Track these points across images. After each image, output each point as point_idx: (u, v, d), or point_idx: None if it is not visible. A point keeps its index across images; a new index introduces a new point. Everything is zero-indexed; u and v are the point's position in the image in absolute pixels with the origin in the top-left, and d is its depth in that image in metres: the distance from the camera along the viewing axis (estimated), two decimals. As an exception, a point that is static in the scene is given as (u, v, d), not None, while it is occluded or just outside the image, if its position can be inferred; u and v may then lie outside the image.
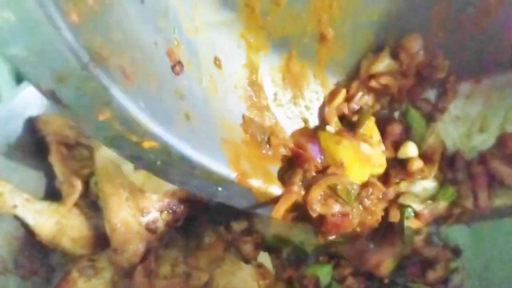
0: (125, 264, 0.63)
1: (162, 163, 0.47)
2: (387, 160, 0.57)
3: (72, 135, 0.73)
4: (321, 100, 0.59)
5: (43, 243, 0.67)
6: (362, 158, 0.53)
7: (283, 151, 0.55)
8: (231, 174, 0.51)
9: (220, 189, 0.51)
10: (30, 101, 0.75)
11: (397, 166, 0.56)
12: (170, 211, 0.67)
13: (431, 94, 0.57)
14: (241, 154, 0.52)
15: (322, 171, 0.53)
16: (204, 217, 0.73)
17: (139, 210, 0.65)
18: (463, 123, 0.56)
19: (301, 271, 0.70)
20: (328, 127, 0.56)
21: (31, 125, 0.74)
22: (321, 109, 0.59)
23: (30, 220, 0.66)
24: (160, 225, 0.66)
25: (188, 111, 0.47)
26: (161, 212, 0.67)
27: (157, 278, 0.63)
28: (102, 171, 0.67)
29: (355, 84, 0.57)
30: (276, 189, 0.54)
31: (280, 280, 0.68)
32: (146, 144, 0.44)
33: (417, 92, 0.57)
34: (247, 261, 0.69)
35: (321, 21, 0.52)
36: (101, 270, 0.64)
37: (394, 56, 0.56)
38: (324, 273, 0.66)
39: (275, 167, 0.55)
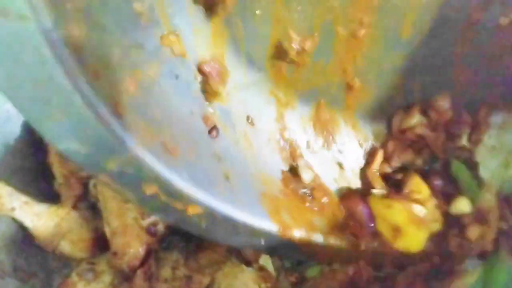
0: (125, 268, 0.62)
1: (207, 225, 0.49)
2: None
3: (71, 136, 0.72)
4: (354, 142, 0.61)
5: (41, 246, 0.66)
6: (417, 220, 0.53)
7: (325, 200, 0.56)
8: (273, 227, 0.53)
9: (263, 242, 0.54)
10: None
11: (452, 227, 0.56)
12: (171, 213, 0.67)
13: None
14: (281, 207, 0.54)
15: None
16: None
17: (139, 213, 0.64)
18: (500, 152, 0.56)
19: (301, 274, 0.70)
20: (374, 191, 0.57)
21: (30, 126, 0.73)
22: (363, 171, 0.60)
23: (29, 223, 0.65)
24: (160, 227, 0.66)
25: (227, 171, 0.50)
26: (162, 214, 0.66)
27: (158, 282, 0.63)
28: (102, 173, 0.66)
29: (391, 143, 0.59)
30: (319, 238, 0.55)
31: (284, 281, 0.67)
32: (191, 210, 0.47)
33: (451, 143, 0.57)
34: (248, 263, 0.68)
35: (346, 72, 0.54)
36: (100, 274, 0.63)
37: (423, 112, 0.57)
38: None
39: (319, 219, 0.56)
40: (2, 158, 0.69)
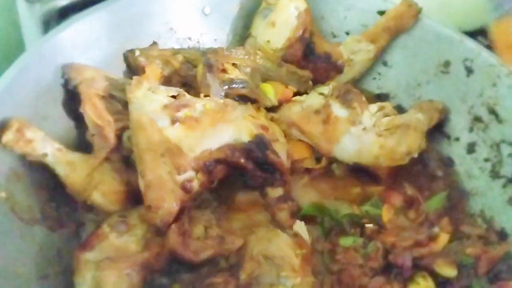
0: (158, 222, 0.60)
1: None
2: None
3: (105, 86, 0.69)
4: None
5: (72, 196, 0.64)
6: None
7: None
8: None
9: None
10: (61, 49, 0.71)
11: None
12: (206, 171, 0.64)
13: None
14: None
15: None
16: (239, 181, 0.69)
17: (175, 168, 0.61)
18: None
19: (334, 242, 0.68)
20: None
21: (63, 73, 0.70)
22: None
23: (61, 170, 0.63)
24: (195, 185, 0.63)
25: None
26: (197, 171, 0.63)
27: (191, 239, 0.61)
28: (137, 125, 0.63)
29: None
30: None
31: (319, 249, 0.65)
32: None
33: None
34: (282, 229, 0.66)
35: None
36: (132, 227, 0.61)
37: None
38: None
39: None
40: (34, 102, 0.66)
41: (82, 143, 0.69)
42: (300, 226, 0.65)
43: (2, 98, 0.62)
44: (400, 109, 0.82)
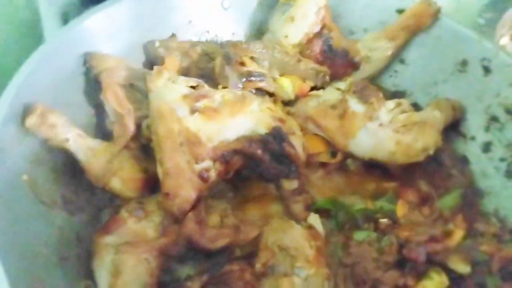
0: (175, 210, 0.61)
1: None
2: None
3: (126, 75, 0.70)
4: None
5: (91, 181, 0.66)
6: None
7: None
8: None
9: None
10: (83, 37, 0.72)
11: None
12: (223, 161, 0.65)
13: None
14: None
15: None
16: (255, 172, 0.70)
17: (193, 157, 0.62)
18: None
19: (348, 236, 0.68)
20: None
21: (84, 61, 0.71)
22: None
23: (81, 156, 0.64)
24: (212, 174, 0.64)
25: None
26: (214, 161, 0.64)
27: (207, 227, 0.62)
28: (157, 114, 0.64)
29: None
30: None
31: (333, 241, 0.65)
32: None
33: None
34: (296, 221, 0.66)
35: None
36: (150, 213, 0.62)
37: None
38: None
39: None
40: (56, 89, 0.67)
41: (101, 131, 0.71)
42: (314, 219, 0.66)
43: (25, 83, 0.63)
44: (416, 107, 0.82)
